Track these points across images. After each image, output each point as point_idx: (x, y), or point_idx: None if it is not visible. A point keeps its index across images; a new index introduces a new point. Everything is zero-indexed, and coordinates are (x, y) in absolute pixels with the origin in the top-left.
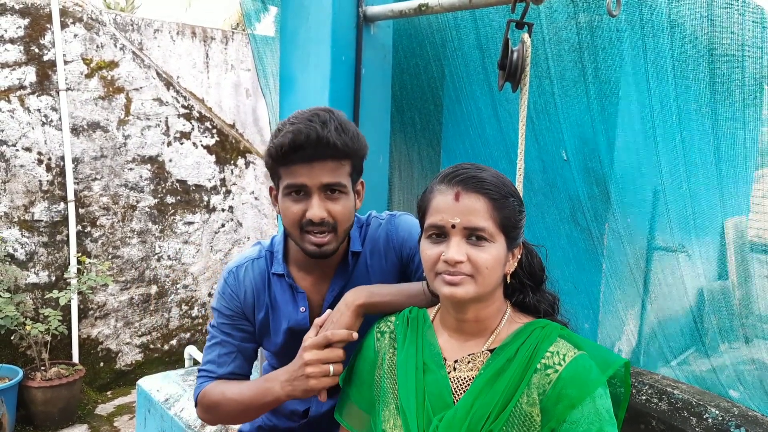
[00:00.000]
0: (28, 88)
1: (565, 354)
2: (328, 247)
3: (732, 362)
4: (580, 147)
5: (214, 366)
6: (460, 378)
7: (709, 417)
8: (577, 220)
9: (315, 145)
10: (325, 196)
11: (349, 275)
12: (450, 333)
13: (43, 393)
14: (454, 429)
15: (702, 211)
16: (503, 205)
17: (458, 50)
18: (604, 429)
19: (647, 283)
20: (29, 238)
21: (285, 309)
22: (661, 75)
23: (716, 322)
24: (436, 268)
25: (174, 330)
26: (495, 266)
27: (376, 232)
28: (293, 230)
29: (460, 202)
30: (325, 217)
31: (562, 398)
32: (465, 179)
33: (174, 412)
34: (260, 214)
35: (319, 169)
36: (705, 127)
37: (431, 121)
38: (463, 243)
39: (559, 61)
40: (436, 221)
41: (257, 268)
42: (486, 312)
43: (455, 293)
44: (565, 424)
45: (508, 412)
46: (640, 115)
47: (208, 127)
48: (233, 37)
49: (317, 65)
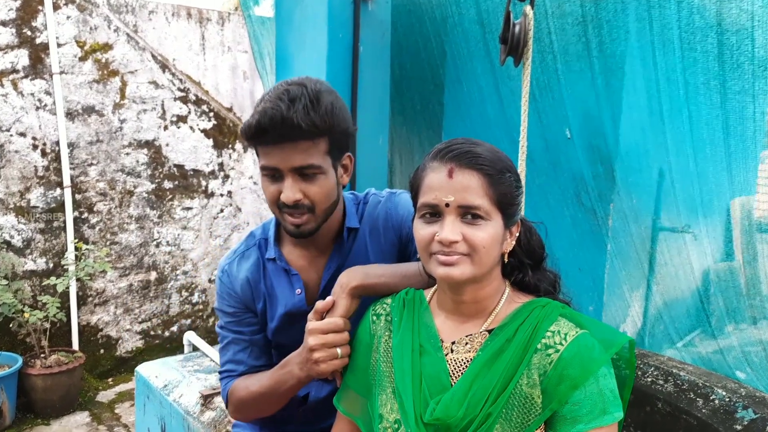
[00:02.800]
0: (21, 72)
1: (567, 333)
2: (306, 227)
3: (739, 343)
4: (585, 124)
5: (233, 365)
6: (458, 360)
7: (715, 398)
8: (581, 200)
9: (280, 128)
10: (300, 178)
11: (346, 253)
12: (447, 314)
13: (43, 380)
14: (452, 411)
15: (710, 189)
16: (499, 181)
17: (459, 26)
18: (608, 410)
19: (653, 263)
20: (25, 224)
21: (281, 293)
22: (667, 48)
23: (723, 302)
24: (430, 248)
25: (174, 316)
26: (492, 245)
27: (375, 210)
28: (273, 209)
29: (454, 179)
30: (299, 199)
31: (563, 379)
32: (458, 155)
33: (173, 399)
34: (259, 199)
35: (290, 151)
36: (713, 101)
37: (431, 102)
38: (458, 222)
39: (562, 35)
40: (429, 200)
41: (248, 260)
42: (483, 292)
43: (451, 274)
44: (567, 406)
45: (507, 393)
46: (646, 90)
47: (205, 111)
48: (229, 18)
49: (314, 44)
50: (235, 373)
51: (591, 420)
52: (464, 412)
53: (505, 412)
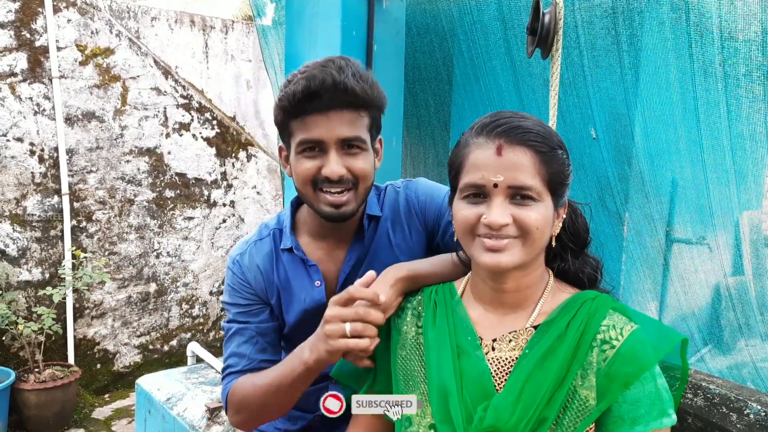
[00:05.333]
0: (20, 75)
1: (623, 328)
2: (347, 207)
3: (752, 358)
4: (611, 123)
5: (236, 359)
6: (501, 359)
7: (750, 412)
8: (605, 203)
9: (332, 92)
10: (344, 152)
11: (368, 245)
12: (485, 306)
13: (36, 396)
14: (504, 417)
15: (748, 188)
16: (552, 159)
17: (477, 23)
18: (666, 411)
19: (668, 270)
20: (21, 233)
21: (298, 286)
22: (705, 38)
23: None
24: (477, 230)
25: (174, 330)
26: (545, 227)
27: (396, 200)
28: (306, 190)
29: (504, 157)
30: (344, 173)
31: (617, 376)
32: (508, 130)
33: (176, 413)
34: (263, 210)
35: (336, 121)
36: (755, 94)
37: (446, 103)
38: (507, 203)
39: (589, 29)
40: (475, 180)
41: (261, 250)
42: (527, 280)
43: (500, 262)
44: (624, 405)
45: (561, 395)
46: (680, 86)
47: (208, 119)
48: (233, 27)
49: (326, 41)
50: (237, 368)
51: (650, 420)
52: (517, 418)
53: (562, 416)
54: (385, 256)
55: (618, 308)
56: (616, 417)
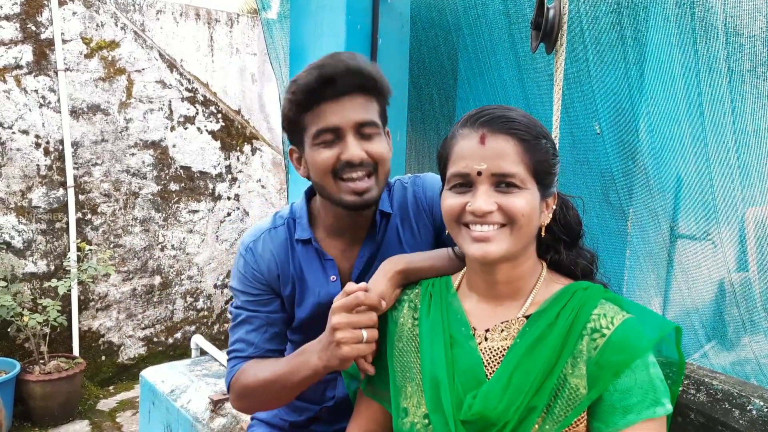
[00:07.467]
0: (25, 68)
1: (614, 317)
2: (370, 194)
3: (756, 354)
4: (616, 118)
5: (243, 344)
6: (493, 348)
7: (753, 408)
8: (609, 199)
9: (345, 75)
10: (360, 137)
11: (380, 242)
12: (479, 297)
13: (41, 387)
14: (492, 404)
15: (752, 184)
16: (535, 148)
17: (482, 17)
18: (660, 400)
19: (672, 266)
20: (26, 225)
21: (313, 279)
22: (710, 33)
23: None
24: (462, 218)
25: (178, 323)
26: (531, 214)
27: (404, 196)
28: (326, 180)
29: (487, 146)
30: (364, 157)
31: (607, 365)
32: (491, 119)
33: (180, 404)
34: (267, 203)
35: (349, 106)
36: (760, 90)
37: (450, 97)
38: (492, 191)
39: (594, 24)
40: (459, 169)
41: (276, 239)
42: (519, 271)
43: (487, 252)
44: (616, 394)
45: (551, 383)
46: (685, 81)
47: (213, 112)
48: (238, 20)
49: (331, 35)
50: (244, 354)
51: (642, 410)
52: (505, 405)
53: (551, 404)
54: (394, 253)
55: (610, 298)
56: (608, 406)
